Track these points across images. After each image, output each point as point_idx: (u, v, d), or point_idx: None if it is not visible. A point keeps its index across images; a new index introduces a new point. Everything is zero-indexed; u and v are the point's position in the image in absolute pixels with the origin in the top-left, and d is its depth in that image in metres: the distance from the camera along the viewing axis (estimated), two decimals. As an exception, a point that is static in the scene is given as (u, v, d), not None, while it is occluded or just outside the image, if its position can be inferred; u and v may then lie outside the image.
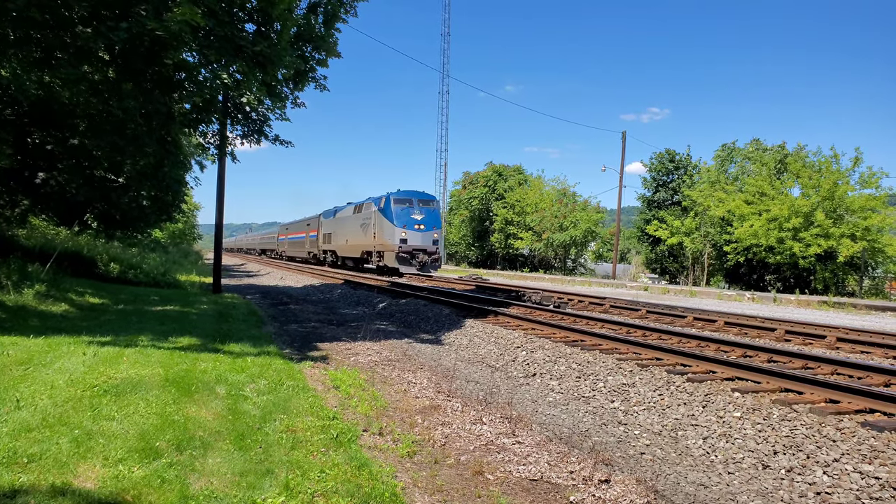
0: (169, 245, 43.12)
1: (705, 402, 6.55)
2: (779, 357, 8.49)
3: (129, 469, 3.90)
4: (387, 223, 28.46)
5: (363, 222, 32.12)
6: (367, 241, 31.18)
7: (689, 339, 9.95)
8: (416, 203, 28.85)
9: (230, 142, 15.59)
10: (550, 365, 8.82)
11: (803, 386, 6.65)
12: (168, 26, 8.43)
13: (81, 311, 10.90)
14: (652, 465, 5.29)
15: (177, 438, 4.52)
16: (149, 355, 7.27)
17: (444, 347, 10.91)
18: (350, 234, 34.81)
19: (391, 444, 5.20)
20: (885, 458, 4.79)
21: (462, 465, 4.90)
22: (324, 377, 7.35)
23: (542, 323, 11.65)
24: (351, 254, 35.16)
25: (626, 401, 7.09)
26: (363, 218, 32.27)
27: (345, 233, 35.92)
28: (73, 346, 7.44)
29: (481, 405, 6.73)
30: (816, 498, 4.50)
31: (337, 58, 13.25)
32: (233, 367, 7.09)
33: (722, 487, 4.81)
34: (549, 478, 4.71)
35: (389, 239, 28.08)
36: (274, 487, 3.90)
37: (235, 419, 5.19)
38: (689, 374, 7.53)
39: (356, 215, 33.76)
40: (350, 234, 34.81)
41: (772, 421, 5.80)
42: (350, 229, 34.82)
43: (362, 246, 32.20)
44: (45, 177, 17.13)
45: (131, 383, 5.87)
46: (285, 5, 10.08)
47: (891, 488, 4.41)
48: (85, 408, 5.02)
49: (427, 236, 28.33)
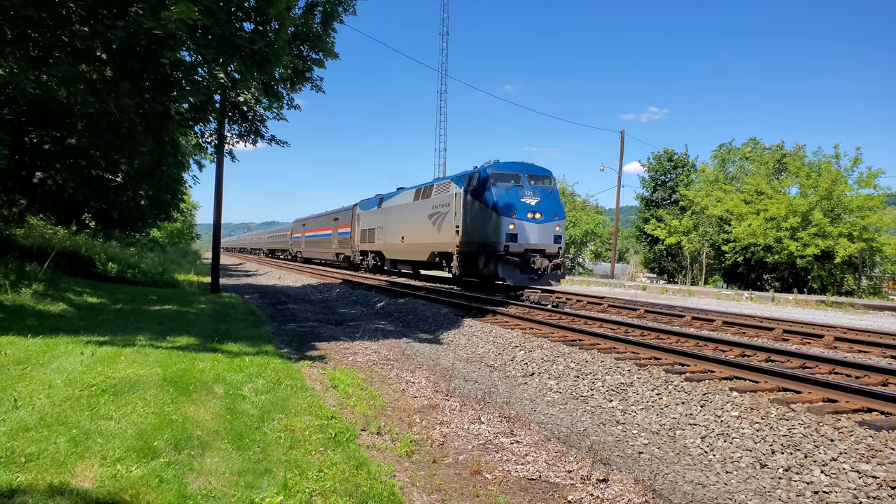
0: (167, 244, 43.06)
1: (703, 401, 6.55)
2: (777, 356, 8.49)
3: (126, 468, 3.90)
4: (482, 210, 19.14)
5: (435, 211, 22.79)
6: (443, 237, 21.91)
7: (687, 338, 9.96)
8: (525, 179, 19.18)
9: (228, 141, 15.59)
10: (549, 364, 8.83)
11: (801, 385, 6.65)
12: (165, 25, 8.42)
13: (79, 311, 10.88)
14: (650, 464, 5.29)
15: (175, 438, 4.52)
16: (147, 355, 7.26)
17: (442, 347, 10.91)
18: (409, 228, 25.56)
19: (389, 443, 5.19)
20: (883, 458, 4.80)
21: (460, 464, 4.90)
22: (322, 377, 7.35)
23: (540, 322, 11.65)
24: (410, 256, 25.76)
25: (624, 400, 7.10)
26: (435, 205, 22.89)
27: (399, 227, 26.62)
28: (71, 345, 7.43)
29: (479, 404, 6.73)
30: (814, 497, 4.51)
31: (334, 59, 13.25)
32: (231, 366, 7.08)
33: (720, 486, 4.81)
34: (547, 477, 4.71)
35: (488, 234, 18.75)
36: (272, 487, 3.89)
37: (233, 418, 5.19)
38: (687, 373, 7.54)
39: (420, 202, 24.43)
40: (409, 228, 25.56)
41: (770, 420, 5.80)
42: (409, 222, 25.57)
43: (433, 245, 22.85)
44: (43, 176, 17.12)
45: (129, 383, 5.87)
46: (283, 4, 10.07)
47: (888, 487, 4.42)
48: (83, 407, 5.02)
49: (546, 230, 18.72)
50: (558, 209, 19.17)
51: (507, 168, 19.71)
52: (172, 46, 9.31)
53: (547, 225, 18.66)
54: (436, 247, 22.55)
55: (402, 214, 26.30)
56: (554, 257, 18.65)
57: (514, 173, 19.30)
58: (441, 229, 22.05)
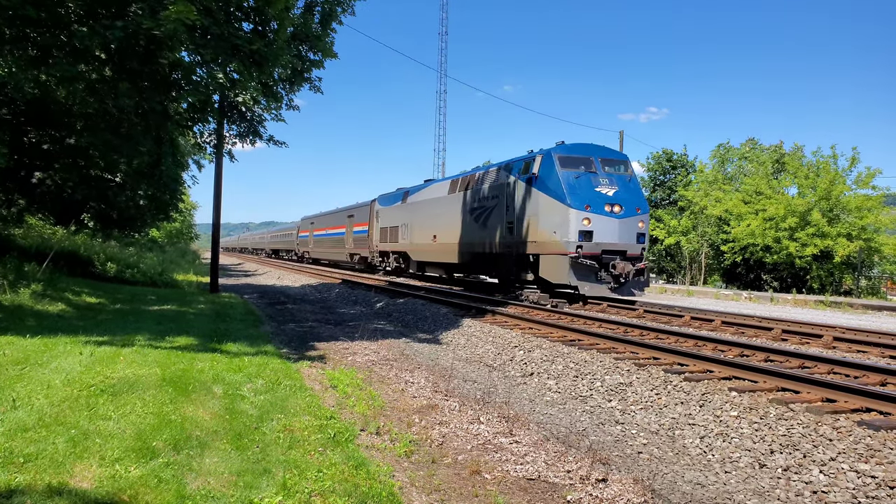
0: (166, 244, 43.07)
1: (702, 401, 6.55)
2: (776, 356, 8.50)
3: (125, 469, 3.90)
4: (547, 201, 15.76)
5: (480, 206, 19.46)
6: (488, 235, 18.77)
7: (686, 338, 9.96)
8: (598, 165, 16.06)
9: (227, 141, 15.60)
10: (548, 364, 8.83)
11: (800, 385, 6.65)
12: (163, 25, 8.42)
13: (78, 311, 10.88)
14: (649, 464, 5.29)
15: (174, 438, 4.52)
16: (146, 355, 7.26)
17: (441, 347, 10.91)
18: (442, 225, 22.17)
19: (389, 443, 5.19)
20: (882, 457, 4.80)
21: (459, 464, 4.90)
22: (321, 377, 7.35)
23: (539, 322, 11.65)
24: (443, 258, 22.36)
25: (623, 400, 7.10)
26: (479, 197, 19.52)
27: (432, 224, 23.22)
28: (70, 345, 7.43)
29: (479, 404, 6.73)
30: (813, 497, 4.51)
31: (333, 58, 13.27)
32: (230, 366, 7.08)
33: (719, 486, 4.81)
34: (546, 477, 4.71)
35: (554, 231, 15.46)
36: (271, 487, 3.89)
37: (233, 419, 5.19)
38: (686, 373, 7.54)
39: (457, 195, 21.27)
40: (442, 225, 22.17)
41: (769, 420, 5.80)
42: (442, 218, 22.23)
43: (473, 244, 19.84)
44: (42, 176, 17.12)
45: (128, 383, 5.86)
46: (282, 4, 10.07)
47: (887, 487, 4.42)
48: (82, 407, 5.01)
49: (628, 226, 15.60)
50: (641, 201, 15.93)
51: (577, 151, 16.34)
52: (171, 47, 9.31)
53: (628, 220, 15.51)
54: (478, 247, 19.35)
55: (434, 210, 23.24)
56: (637, 260, 15.52)
57: (584, 157, 16.10)
58: (488, 226, 18.66)
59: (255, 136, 15.69)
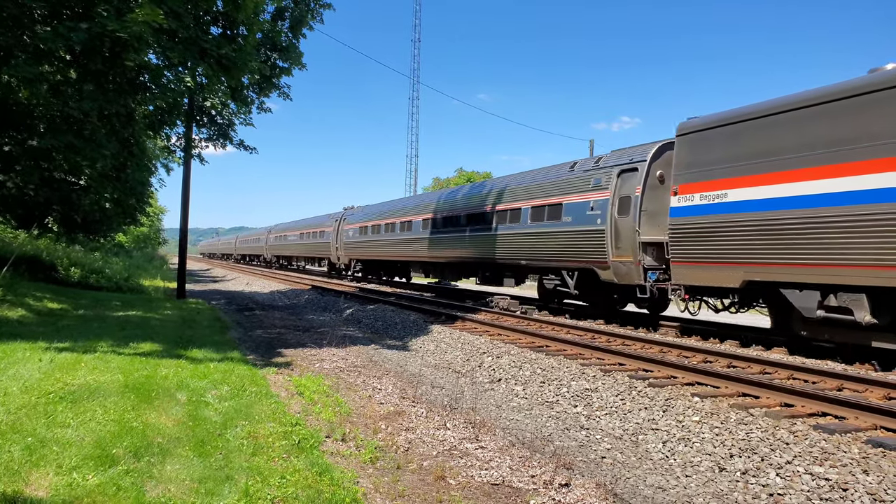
0: (133, 249, 42.29)
1: (666, 406, 6.66)
2: (738, 362, 8.66)
3: (83, 477, 3.83)
4: None
5: None
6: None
7: (651, 344, 10.10)
8: None
9: (196, 145, 15.43)
10: (515, 370, 8.89)
11: (760, 390, 6.81)
12: (129, 27, 8.32)
13: (39, 317, 10.64)
14: (612, 468, 5.36)
15: (134, 445, 4.45)
16: (108, 361, 7.13)
17: (410, 353, 10.90)
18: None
19: (354, 449, 5.18)
20: (836, 460, 4.94)
21: (424, 470, 4.91)
22: (288, 383, 7.30)
23: (508, 328, 11.72)
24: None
25: (588, 405, 7.18)
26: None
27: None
28: (29, 352, 7.26)
29: (446, 410, 6.75)
30: (769, 499, 4.62)
31: (302, 69, 13.27)
32: (195, 373, 6.99)
33: (679, 490, 4.90)
34: (510, 482, 4.74)
35: None
36: (233, 493, 3.86)
37: (196, 425, 5.13)
38: (650, 378, 7.66)
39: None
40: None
41: (729, 425, 5.93)
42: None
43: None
44: (2, 178, 16.70)
45: (89, 390, 5.76)
46: (251, 10, 10.02)
47: (840, 489, 4.55)
48: (39, 415, 4.91)
49: None
50: None
51: None
52: (137, 49, 9.19)
53: None
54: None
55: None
56: None
57: None
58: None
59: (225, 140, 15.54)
